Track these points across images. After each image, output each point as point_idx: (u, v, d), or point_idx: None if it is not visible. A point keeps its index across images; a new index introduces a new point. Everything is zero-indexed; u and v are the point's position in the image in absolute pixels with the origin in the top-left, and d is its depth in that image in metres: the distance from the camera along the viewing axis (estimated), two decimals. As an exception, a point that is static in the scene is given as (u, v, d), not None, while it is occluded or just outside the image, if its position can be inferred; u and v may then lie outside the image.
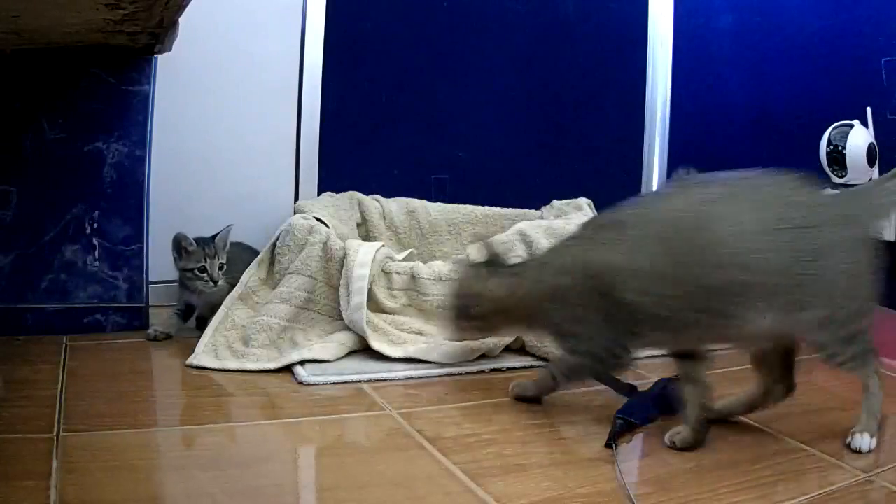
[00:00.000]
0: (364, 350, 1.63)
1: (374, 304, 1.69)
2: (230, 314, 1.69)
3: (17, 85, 1.62)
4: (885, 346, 1.76)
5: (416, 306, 1.72)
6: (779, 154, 2.10)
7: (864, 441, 1.25)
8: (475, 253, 1.43)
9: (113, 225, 1.72)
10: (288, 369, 1.52)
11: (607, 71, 2.49)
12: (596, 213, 2.09)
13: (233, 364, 1.53)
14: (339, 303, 1.68)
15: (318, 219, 1.82)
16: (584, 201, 2.16)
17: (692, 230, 1.21)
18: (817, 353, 1.24)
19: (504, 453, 1.20)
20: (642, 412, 1.34)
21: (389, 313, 1.71)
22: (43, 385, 1.35)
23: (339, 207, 2.04)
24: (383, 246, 1.77)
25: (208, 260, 1.70)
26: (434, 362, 1.58)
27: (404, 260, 1.86)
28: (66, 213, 1.68)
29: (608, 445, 1.22)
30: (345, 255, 1.69)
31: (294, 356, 1.53)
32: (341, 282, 1.68)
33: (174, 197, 1.92)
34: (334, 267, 1.70)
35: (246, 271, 1.77)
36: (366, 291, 1.64)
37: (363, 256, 1.68)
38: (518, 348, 1.69)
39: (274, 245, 1.79)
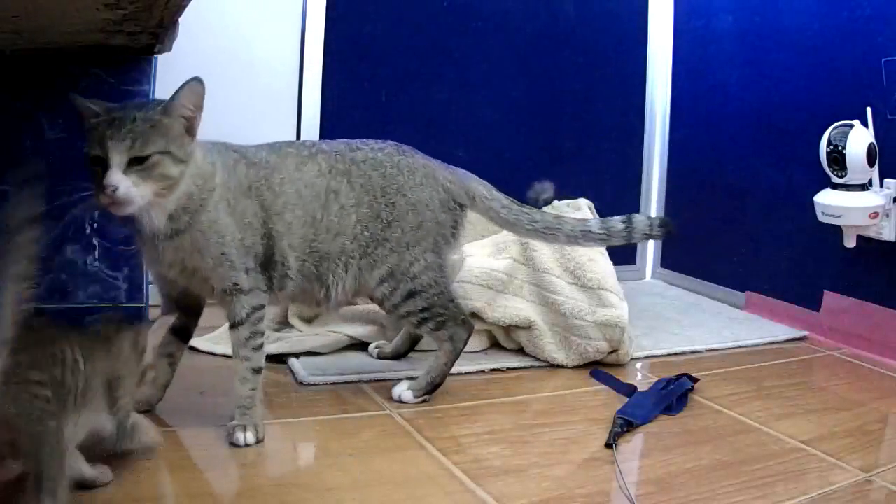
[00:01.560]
0: (363, 348, 1.64)
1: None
2: None
3: (17, 85, 1.62)
4: (886, 346, 1.77)
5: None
6: (779, 154, 2.10)
7: (405, 394, 1.38)
8: None
9: (113, 225, 1.72)
10: (288, 370, 1.53)
11: (607, 71, 2.49)
12: (596, 215, 2.09)
13: (219, 349, 1.59)
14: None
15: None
16: (583, 202, 2.16)
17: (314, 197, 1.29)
18: (376, 303, 1.38)
19: (504, 453, 1.20)
20: (642, 412, 1.34)
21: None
22: (43, 385, 1.35)
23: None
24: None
25: None
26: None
27: None
28: (66, 213, 1.68)
29: (608, 445, 1.22)
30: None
31: (272, 348, 1.56)
32: None
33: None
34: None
35: None
36: None
37: None
38: (517, 349, 1.69)
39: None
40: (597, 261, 1.70)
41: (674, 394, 1.41)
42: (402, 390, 1.38)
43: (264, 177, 1.25)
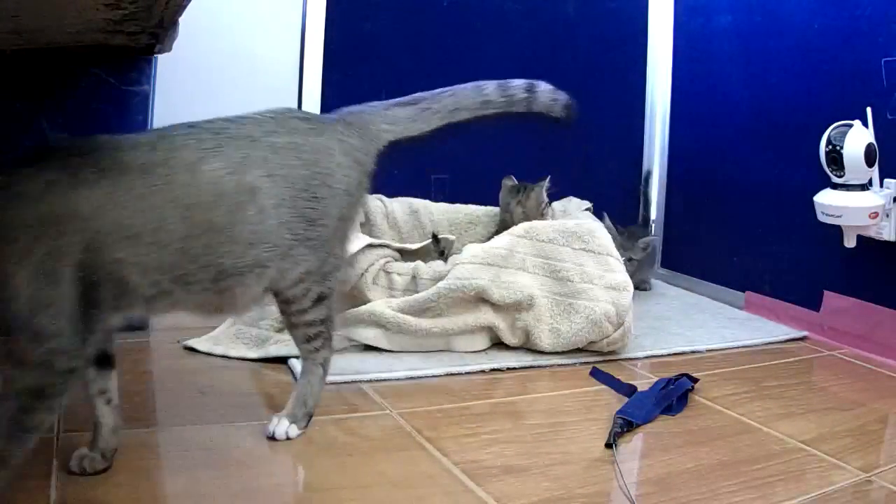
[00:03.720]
0: (364, 349, 1.64)
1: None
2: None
3: (17, 85, 1.62)
4: (886, 346, 1.77)
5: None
6: (779, 154, 2.10)
7: (280, 426, 1.20)
8: None
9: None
10: (288, 370, 1.53)
11: (607, 71, 2.49)
12: (595, 216, 2.09)
13: (219, 349, 1.59)
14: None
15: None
16: (584, 203, 2.16)
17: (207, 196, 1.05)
18: (282, 308, 1.20)
19: (504, 453, 1.20)
20: (642, 412, 1.34)
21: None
22: (43, 385, 1.35)
23: (342, 207, 2.04)
24: (384, 245, 1.77)
25: None
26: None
27: (422, 248, 1.88)
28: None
29: (608, 445, 1.22)
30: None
31: (272, 350, 1.57)
32: None
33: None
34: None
35: None
36: None
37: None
38: (519, 346, 1.69)
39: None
40: (597, 234, 1.76)
41: (674, 394, 1.41)
42: (284, 425, 1.21)
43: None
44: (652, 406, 1.37)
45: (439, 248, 1.91)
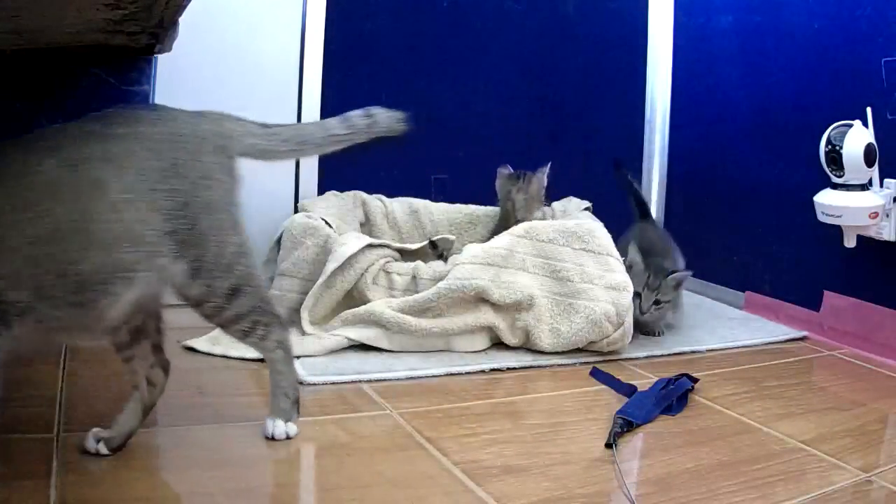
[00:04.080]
0: (364, 349, 1.64)
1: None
2: None
3: (17, 85, 1.62)
4: (886, 346, 1.77)
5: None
6: (779, 154, 2.10)
7: (277, 428, 1.16)
8: None
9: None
10: (288, 369, 1.53)
11: (607, 71, 2.49)
12: (593, 216, 2.09)
13: (218, 349, 1.58)
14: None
15: (324, 219, 1.82)
16: (583, 202, 2.16)
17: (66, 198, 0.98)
18: (199, 312, 1.11)
19: (504, 453, 1.20)
20: (642, 412, 1.34)
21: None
22: (43, 385, 1.35)
23: (344, 207, 2.04)
24: (383, 245, 1.77)
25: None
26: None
27: (420, 249, 1.88)
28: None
29: (608, 445, 1.22)
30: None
31: None
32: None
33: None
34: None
35: None
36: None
37: (339, 254, 1.69)
38: (519, 346, 1.69)
39: (278, 243, 1.80)
40: (597, 234, 1.76)
41: (674, 394, 1.42)
42: (280, 426, 1.18)
43: None
44: (652, 406, 1.37)
45: (437, 253, 1.91)
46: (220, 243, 1.09)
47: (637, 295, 1.75)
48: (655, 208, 2.56)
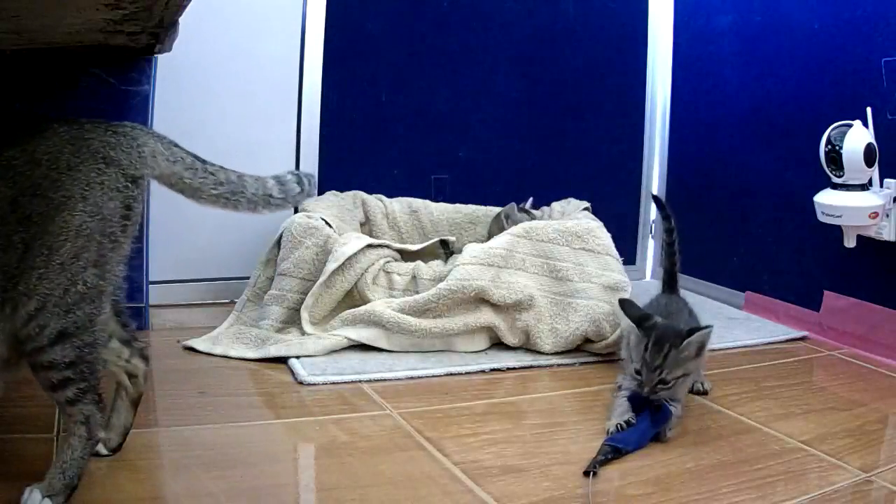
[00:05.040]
0: (364, 349, 1.64)
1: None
2: (241, 316, 1.75)
3: (17, 85, 1.61)
4: (886, 346, 1.77)
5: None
6: (779, 154, 2.10)
7: (31, 500, 0.94)
8: None
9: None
10: (289, 370, 1.53)
11: (607, 71, 2.49)
12: (593, 216, 2.09)
13: (218, 349, 1.60)
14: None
15: (323, 219, 1.82)
16: (582, 203, 2.16)
17: None
18: (22, 351, 0.96)
19: (504, 453, 1.20)
20: (633, 438, 1.24)
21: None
22: (43, 385, 1.35)
23: (344, 207, 2.04)
24: (383, 246, 1.77)
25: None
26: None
27: (422, 250, 1.88)
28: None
29: (587, 474, 1.13)
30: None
31: (272, 350, 1.58)
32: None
33: (174, 196, 1.91)
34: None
35: (253, 272, 1.81)
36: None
37: (339, 254, 1.69)
38: (519, 346, 1.69)
39: (278, 243, 1.80)
40: (597, 233, 1.78)
41: (661, 422, 1.29)
42: (36, 499, 0.95)
43: None
44: (641, 435, 1.26)
45: (448, 251, 1.91)
46: (75, 282, 0.95)
47: (639, 371, 1.32)
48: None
